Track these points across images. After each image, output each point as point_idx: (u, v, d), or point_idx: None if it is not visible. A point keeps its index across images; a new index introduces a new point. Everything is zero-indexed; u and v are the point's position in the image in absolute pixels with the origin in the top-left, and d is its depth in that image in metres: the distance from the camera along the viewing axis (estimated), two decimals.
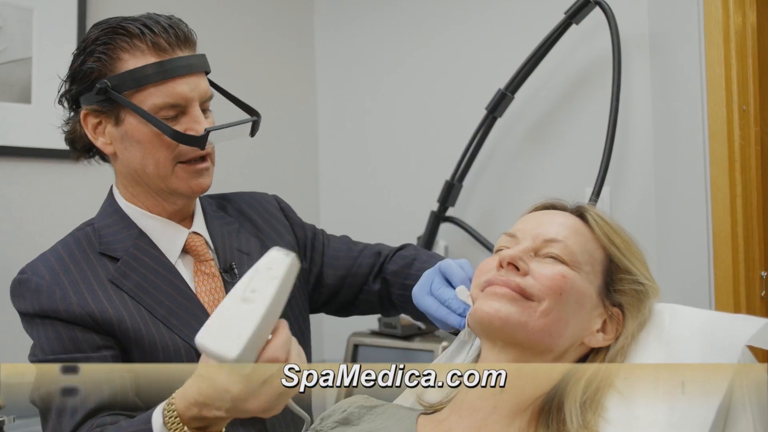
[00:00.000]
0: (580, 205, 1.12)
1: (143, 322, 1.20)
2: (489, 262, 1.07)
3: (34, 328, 1.22)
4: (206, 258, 1.30)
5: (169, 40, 1.23)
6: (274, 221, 1.43)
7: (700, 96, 1.98)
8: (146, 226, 1.29)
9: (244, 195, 1.48)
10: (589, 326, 1.04)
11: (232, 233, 1.36)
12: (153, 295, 1.22)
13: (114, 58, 1.22)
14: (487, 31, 2.40)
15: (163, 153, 1.23)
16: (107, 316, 1.18)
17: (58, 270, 1.22)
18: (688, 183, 2.00)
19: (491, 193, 2.38)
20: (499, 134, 2.32)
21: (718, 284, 1.95)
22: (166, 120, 1.21)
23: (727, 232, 1.93)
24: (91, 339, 1.18)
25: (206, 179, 1.28)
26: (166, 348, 1.20)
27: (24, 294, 1.22)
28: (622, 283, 1.07)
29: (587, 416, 0.97)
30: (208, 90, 1.28)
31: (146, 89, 1.21)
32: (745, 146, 1.96)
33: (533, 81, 2.19)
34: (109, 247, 1.26)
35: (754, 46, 2.01)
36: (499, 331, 0.99)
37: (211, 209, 1.39)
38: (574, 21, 2.07)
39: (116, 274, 1.23)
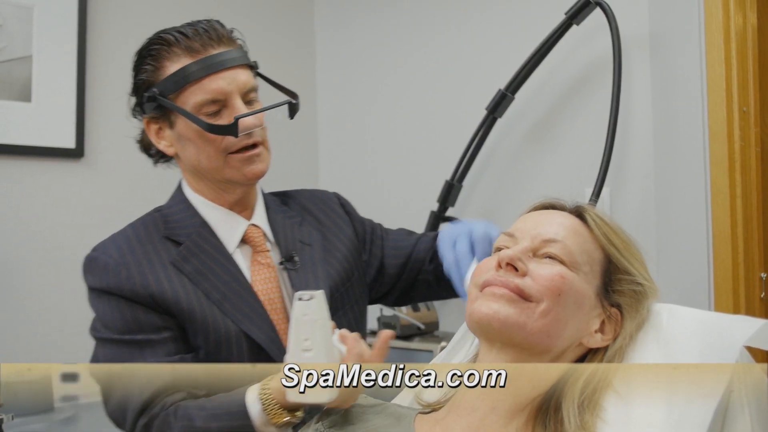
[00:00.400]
0: (579, 205, 1.11)
1: (198, 303, 1.26)
2: (488, 262, 1.06)
3: (99, 303, 1.30)
4: (263, 249, 1.36)
5: (202, 41, 1.30)
6: (334, 216, 1.49)
7: (700, 97, 1.98)
8: (209, 215, 1.36)
9: (305, 192, 1.54)
10: (588, 327, 1.03)
11: (294, 226, 1.42)
12: (210, 280, 1.29)
13: (158, 67, 1.32)
14: (488, 32, 2.40)
15: (211, 147, 1.30)
16: (166, 296, 1.25)
17: (125, 250, 1.31)
18: (688, 184, 2.00)
19: (491, 194, 2.38)
20: (499, 134, 2.32)
21: (717, 285, 1.94)
22: (209, 115, 1.28)
23: (726, 233, 1.93)
24: (152, 319, 1.25)
25: (258, 165, 1.33)
26: (217, 329, 1.26)
27: (93, 270, 1.32)
28: (621, 284, 1.06)
29: (585, 417, 0.97)
30: (248, 82, 1.32)
31: (186, 90, 1.29)
32: (745, 147, 1.96)
33: (534, 81, 2.19)
34: (174, 232, 1.34)
35: (754, 47, 2.01)
36: (498, 332, 0.98)
37: (274, 204, 1.45)
38: (575, 21, 2.07)
39: (178, 257, 1.30)
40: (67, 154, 2.31)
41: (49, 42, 2.27)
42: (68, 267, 2.29)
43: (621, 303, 1.05)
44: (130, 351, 1.25)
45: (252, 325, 1.28)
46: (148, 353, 1.24)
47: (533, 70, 2.16)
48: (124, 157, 2.42)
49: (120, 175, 2.41)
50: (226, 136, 1.28)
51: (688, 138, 2.00)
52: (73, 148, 2.31)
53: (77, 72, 2.31)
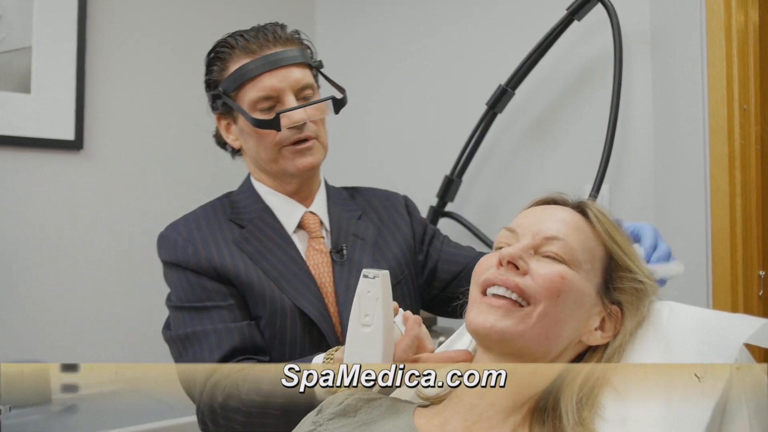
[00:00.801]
0: (582, 201, 1.11)
1: (257, 279, 1.38)
2: (489, 259, 1.05)
3: (171, 276, 1.43)
4: (318, 235, 1.47)
5: (259, 43, 1.42)
6: (396, 215, 1.57)
7: (701, 94, 1.98)
8: (271, 202, 1.48)
9: (375, 189, 1.64)
10: (588, 325, 1.03)
11: (352, 219, 1.52)
12: (269, 260, 1.40)
13: (223, 67, 1.44)
14: (489, 27, 2.39)
15: (266, 140, 1.42)
16: (227, 269, 1.37)
17: (193, 228, 1.43)
18: (687, 181, 2.00)
19: (490, 189, 2.38)
20: (499, 130, 2.31)
21: (716, 283, 1.94)
22: (264, 111, 1.40)
23: (726, 231, 1.93)
24: (217, 287, 1.37)
25: (309, 158, 1.44)
26: (273, 302, 1.37)
27: (164, 246, 1.44)
28: (623, 281, 1.06)
29: (583, 413, 0.96)
30: (302, 79, 1.43)
31: (243, 87, 1.41)
32: (745, 145, 1.95)
33: (534, 77, 2.19)
34: (238, 215, 1.46)
35: (755, 45, 2.00)
36: (497, 343, 0.98)
37: (339, 197, 1.56)
38: (576, 17, 2.06)
39: (240, 238, 1.42)
40: (66, 145, 2.30)
41: (49, 33, 2.27)
42: (66, 259, 2.30)
43: (622, 300, 1.05)
44: (200, 315, 1.35)
45: (306, 302, 1.37)
46: (215, 317, 1.35)
47: (534, 66, 2.16)
48: (123, 149, 2.42)
49: (119, 167, 2.41)
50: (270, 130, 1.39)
51: (688, 135, 2.00)
52: (72, 140, 2.31)
53: (77, 64, 2.31)
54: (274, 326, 1.36)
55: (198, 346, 1.33)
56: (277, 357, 1.36)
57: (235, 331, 1.33)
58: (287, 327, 1.37)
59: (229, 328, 1.33)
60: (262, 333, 1.37)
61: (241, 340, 1.32)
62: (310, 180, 1.51)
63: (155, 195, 2.46)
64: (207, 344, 1.32)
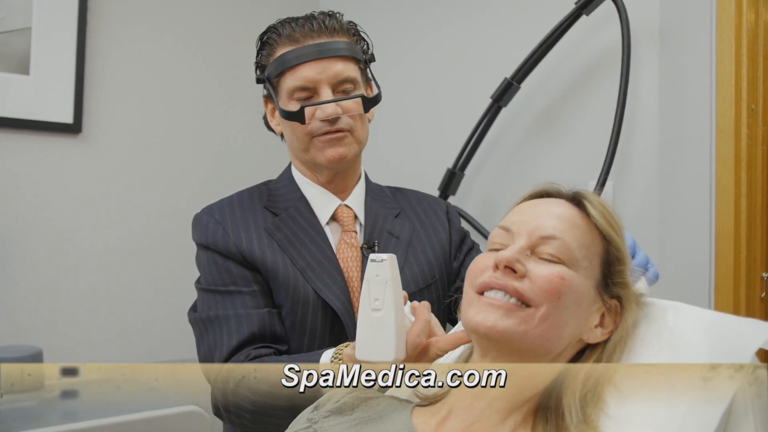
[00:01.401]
0: (578, 192, 1.07)
1: (283, 266, 1.39)
2: (484, 260, 1.02)
3: (201, 257, 1.45)
4: (350, 229, 1.47)
5: (303, 32, 1.42)
6: (435, 219, 1.57)
7: (708, 93, 1.96)
8: (307, 191, 1.49)
9: (418, 192, 1.66)
10: (588, 323, 1.01)
11: (389, 216, 1.52)
12: (297, 249, 1.41)
13: (269, 53, 1.45)
14: (496, 20, 2.37)
15: (298, 129, 1.43)
16: (254, 254, 1.39)
17: (226, 213, 1.45)
18: (692, 180, 1.98)
19: (493, 183, 2.36)
20: (503, 124, 2.29)
21: (718, 283, 1.93)
22: (300, 100, 1.40)
23: (730, 232, 1.91)
24: (242, 273, 1.39)
25: (339, 149, 1.43)
26: (296, 291, 1.37)
27: (197, 227, 1.47)
28: (622, 275, 1.04)
29: (587, 410, 0.95)
30: (342, 72, 1.42)
31: (284, 75, 1.41)
32: (752, 145, 1.93)
33: (540, 71, 2.17)
34: (274, 204, 1.48)
35: (765, 44, 1.98)
36: (497, 342, 0.96)
37: (378, 194, 1.57)
38: (585, 12, 2.04)
39: (272, 226, 1.43)
40: (64, 129, 2.28)
41: (48, 14, 2.24)
42: (63, 242, 2.28)
43: (621, 295, 1.03)
44: (223, 299, 1.37)
45: (330, 294, 1.38)
46: (238, 302, 1.36)
47: (540, 60, 2.13)
48: (122, 133, 2.39)
49: (117, 151, 2.38)
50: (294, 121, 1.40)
51: (694, 134, 1.98)
52: (71, 123, 2.28)
53: (77, 46, 2.28)
54: (295, 315, 1.37)
55: (219, 329, 1.35)
56: (296, 347, 1.37)
57: (255, 318, 1.34)
58: (308, 317, 1.37)
59: (249, 314, 1.35)
60: (283, 321, 1.37)
61: (260, 326, 1.34)
62: (346, 172, 1.50)
63: (153, 179, 2.44)
64: (227, 328, 1.34)
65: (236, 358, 1.31)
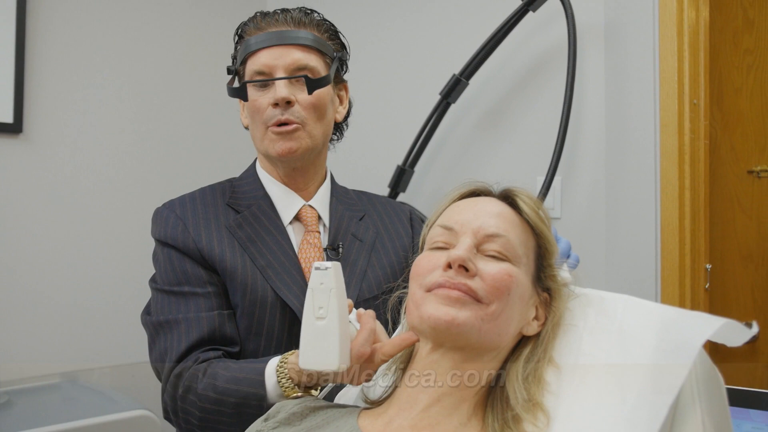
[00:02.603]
0: (508, 189, 1.09)
1: (242, 265, 1.36)
2: (431, 260, 1.03)
3: (158, 254, 1.42)
4: (314, 229, 1.45)
5: (268, 21, 1.42)
6: (398, 224, 1.56)
7: (652, 88, 1.99)
8: (271, 190, 1.47)
9: (383, 197, 1.65)
10: (526, 316, 1.03)
11: (353, 219, 1.50)
12: (258, 247, 1.39)
13: (240, 44, 1.45)
14: (444, 17, 2.37)
15: (256, 117, 1.42)
16: (213, 253, 1.36)
17: (188, 208, 1.43)
18: (638, 174, 2.01)
19: (443, 179, 2.37)
20: (452, 120, 2.30)
21: (664, 275, 1.96)
22: (257, 87, 1.40)
23: (674, 225, 1.95)
24: (198, 272, 1.36)
25: (288, 143, 1.40)
26: (254, 291, 1.35)
27: (157, 222, 1.43)
28: (552, 268, 1.07)
29: (531, 389, 0.97)
30: (298, 61, 1.40)
31: (246, 61, 1.42)
32: (694, 139, 1.98)
33: (488, 68, 2.18)
34: (236, 201, 1.45)
35: (705, 41, 2.03)
36: (454, 336, 0.97)
37: (345, 197, 1.55)
38: (531, 8, 2.05)
39: (233, 223, 1.41)
40: (5, 129, 2.21)
41: None
42: (4, 243, 2.21)
43: (551, 287, 1.06)
44: (177, 301, 1.34)
45: (290, 293, 1.35)
46: (191, 304, 1.33)
47: (488, 56, 2.15)
48: (63, 132, 2.34)
49: (59, 150, 2.33)
50: (259, 104, 1.39)
51: (639, 129, 2.01)
52: (11, 123, 2.22)
53: (16, 45, 2.22)
54: (252, 316, 1.34)
55: (169, 333, 1.31)
56: (252, 349, 1.34)
57: (205, 321, 1.31)
58: (266, 318, 1.34)
59: (199, 317, 1.31)
60: (239, 323, 1.35)
61: (210, 330, 1.31)
62: (304, 169, 1.47)
63: (95, 178, 2.39)
64: (177, 332, 1.31)
65: (185, 362, 1.28)
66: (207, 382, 1.23)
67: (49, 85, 2.30)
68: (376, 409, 1.05)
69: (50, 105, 2.30)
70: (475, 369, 0.99)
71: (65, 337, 2.29)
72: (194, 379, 1.24)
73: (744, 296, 2.41)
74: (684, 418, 0.94)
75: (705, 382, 0.96)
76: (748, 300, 2.42)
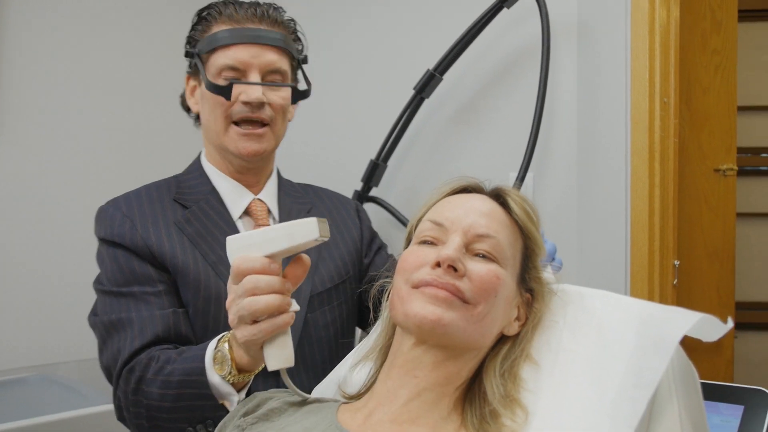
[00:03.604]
0: (499, 188, 1.09)
1: (194, 262, 1.33)
2: (418, 256, 1.02)
3: (104, 254, 1.37)
4: (264, 223, 1.43)
5: (245, 15, 1.40)
6: (345, 216, 1.57)
7: (624, 86, 2.02)
8: (219, 184, 1.45)
9: (328, 190, 1.64)
10: (509, 317, 1.04)
11: (302, 212, 1.49)
12: (209, 243, 1.36)
13: (204, 29, 1.42)
14: (418, 11, 2.37)
15: (219, 110, 1.39)
16: (163, 250, 1.33)
17: (134, 205, 1.39)
18: (609, 171, 2.04)
19: (416, 174, 2.37)
20: (426, 115, 2.30)
21: (634, 271, 1.99)
22: (225, 81, 1.37)
23: (644, 221, 1.98)
24: (147, 271, 1.32)
25: (255, 145, 1.40)
26: (208, 288, 1.32)
27: (102, 221, 1.39)
28: (538, 270, 1.07)
29: (508, 386, 0.98)
30: (273, 64, 1.40)
31: (216, 52, 1.38)
32: (664, 137, 2.00)
33: (462, 63, 2.19)
34: (183, 196, 1.42)
35: (676, 40, 2.06)
36: (439, 336, 0.97)
37: (291, 188, 1.54)
38: (506, 5, 2.06)
39: (182, 219, 1.38)
40: None
41: None
42: None
43: (534, 288, 1.06)
44: (127, 302, 1.30)
45: None
46: (141, 304, 1.30)
47: (462, 52, 2.15)
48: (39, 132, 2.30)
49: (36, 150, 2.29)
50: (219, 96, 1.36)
51: (610, 126, 2.04)
52: None
53: None
54: (207, 314, 1.32)
55: (122, 333, 1.28)
56: None
57: (159, 319, 1.28)
58: (221, 315, 1.31)
59: (152, 316, 1.28)
60: (193, 321, 1.32)
61: (164, 328, 1.28)
62: (262, 167, 1.47)
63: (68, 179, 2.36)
64: (130, 332, 1.27)
65: (138, 359, 1.24)
66: (156, 367, 1.21)
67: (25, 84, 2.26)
68: (355, 403, 1.05)
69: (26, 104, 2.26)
70: (457, 366, 0.99)
71: (34, 332, 2.25)
72: (146, 368, 1.22)
73: (709, 292, 2.46)
74: (661, 413, 0.95)
75: (681, 376, 0.98)
76: (713, 296, 2.47)
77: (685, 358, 1.00)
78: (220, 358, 1.12)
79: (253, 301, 0.99)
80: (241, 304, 1.00)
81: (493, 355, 1.02)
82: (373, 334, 1.19)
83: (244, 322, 1.02)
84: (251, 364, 1.10)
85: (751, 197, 3.61)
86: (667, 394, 0.96)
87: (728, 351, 2.52)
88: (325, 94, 2.57)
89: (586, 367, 0.99)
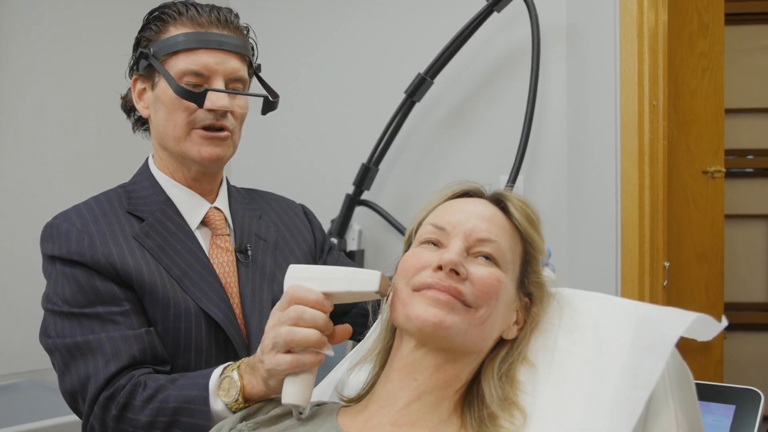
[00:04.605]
0: (499, 193, 1.10)
1: (160, 278, 1.26)
2: (419, 258, 1.02)
3: (56, 273, 1.26)
4: (223, 233, 1.37)
5: (208, 19, 1.34)
6: (296, 219, 1.51)
7: (613, 89, 2.03)
8: (173, 194, 1.36)
9: (272, 193, 1.56)
10: (508, 320, 1.04)
11: (253, 219, 1.43)
12: (171, 257, 1.29)
13: (162, 29, 1.33)
14: (409, 15, 2.38)
15: (181, 115, 1.31)
16: (128, 267, 1.24)
17: (88, 219, 1.29)
18: (599, 174, 2.05)
19: (407, 178, 2.38)
20: (417, 119, 2.31)
21: (624, 272, 2.01)
22: (187, 86, 1.30)
23: (635, 223, 1.99)
24: (111, 290, 1.23)
25: (218, 149, 1.33)
26: (177, 305, 1.25)
27: (53, 238, 1.28)
28: (537, 275, 1.08)
29: (506, 389, 0.99)
30: (237, 71, 1.35)
31: (178, 56, 1.31)
32: (654, 140, 2.02)
33: (453, 67, 2.20)
34: (137, 207, 1.33)
35: (664, 44, 2.08)
36: (440, 339, 0.97)
37: (238, 195, 1.47)
38: (496, 9, 2.08)
39: (140, 232, 1.30)
40: None
41: None
42: None
43: (533, 292, 1.07)
44: (91, 324, 1.21)
45: (211, 304, 1.28)
46: (109, 325, 1.21)
47: (453, 56, 2.16)
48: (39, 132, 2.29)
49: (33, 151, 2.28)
50: (191, 103, 1.30)
51: (600, 129, 2.05)
52: None
53: None
54: (177, 331, 1.25)
55: (90, 356, 1.19)
56: (182, 364, 1.26)
57: (133, 340, 1.20)
58: (192, 331, 1.26)
59: (126, 336, 1.20)
60: (163, 340, 1.25)
61: (140, 349, 1.20)
62: (216, 174, 1.41)
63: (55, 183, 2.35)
64: (101, 354, 1.18)
65: (118, 383, 1.17)
66: (146, 394, 1.14)
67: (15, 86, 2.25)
68: (355, 406, 1.05)
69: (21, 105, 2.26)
70: (456, 369, 1.00)
71: (26, 337, 2.24)
72: (131, 395, 1.15)
73: (698, 293, 2.47)
74: (657, 413, 0.96)
75: (677, 377, 0.98)
76: (702, 297, 2.48)
77: (680, 358, 1.00)
78: (227, 384, 1.10)
79: (293, 331, 0.99)
80: (280, 330, 1.00)
81: (491, 358, 1.02)
82: (371, 336, 1.19)
83: (277, 350, 1.01)
84: (262, 393, 1.07)
85: (738, 199, 3.63)
86: (662, 395, 0.96)
87: (718, 351, 2.54)
88: (316, 98, 2.58)
89: (583, 368, 0.99)
